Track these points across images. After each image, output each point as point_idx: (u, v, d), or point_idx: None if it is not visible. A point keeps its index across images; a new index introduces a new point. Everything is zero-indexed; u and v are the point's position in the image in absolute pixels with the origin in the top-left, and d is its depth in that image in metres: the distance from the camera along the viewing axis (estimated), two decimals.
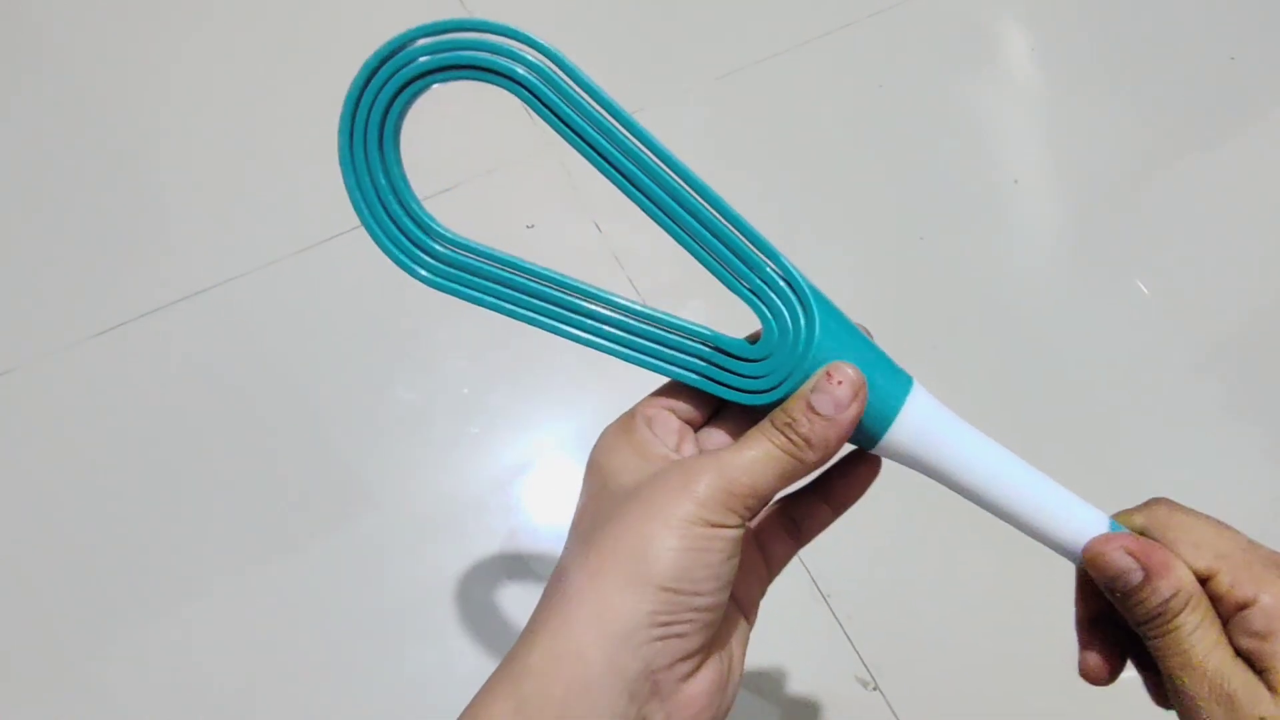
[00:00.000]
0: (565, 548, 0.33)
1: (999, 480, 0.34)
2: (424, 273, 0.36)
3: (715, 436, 0.35)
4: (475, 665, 0.60)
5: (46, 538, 0.63)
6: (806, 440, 0.31)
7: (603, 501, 0.32)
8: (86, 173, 0.74)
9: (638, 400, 0.36)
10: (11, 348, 0.68)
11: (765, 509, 0.38)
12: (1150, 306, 0.75)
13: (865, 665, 0.62)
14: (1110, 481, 0.69)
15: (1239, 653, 0.31)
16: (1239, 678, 0.30)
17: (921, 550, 0.65)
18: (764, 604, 0.61)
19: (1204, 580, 0.32)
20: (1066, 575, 0.41)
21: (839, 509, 0.38)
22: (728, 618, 0.34)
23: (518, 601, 0.62)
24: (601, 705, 0.29)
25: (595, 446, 0.34)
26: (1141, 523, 0.36)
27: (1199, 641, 0.31)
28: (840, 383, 0.31)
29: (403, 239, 0.35)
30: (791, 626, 0.62)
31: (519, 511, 0.65)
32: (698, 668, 0.31)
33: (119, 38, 0.80)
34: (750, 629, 0.36)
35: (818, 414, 0.31)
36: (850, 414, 0.31)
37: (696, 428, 0.36)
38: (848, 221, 0.77)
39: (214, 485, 0.65)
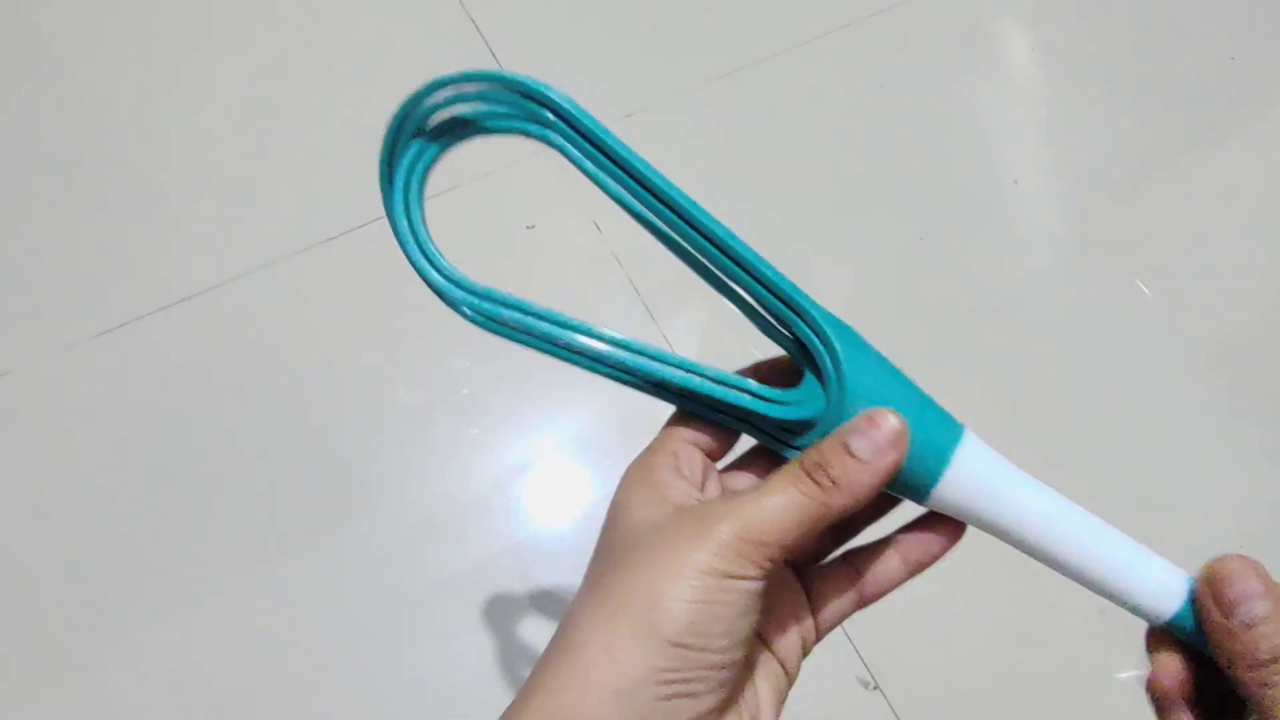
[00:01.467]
0: (578, 591, 0.31)
1: (1064, 538, 0.31)
2: (468, 312, 0.35)
3: (740, 477, 0.34)
4: (475, 666, 0.60)
5: (47, 538, 0.63)
6: (835, 483, 0.29)
7: (618, 545, 0.30)
8: (86, 174, 0.74)
9: (646, 414, 0.34)
10: (12, 349, 0.67)
11: (827, 558, 0.36)
12: (1151, 306, 0.75)
13: (866, 666, 0.62)
14: (1110, 481, 0.69)
15: None
16: None
17: None
18: None
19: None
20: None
21: (915, 569, 0.36)
22: (759, 674, 0.33)
23: (518, 603, 0.62)
24: None
25: (618, 485, 0.32)
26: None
27: None
28: (880, 427, 0.30)
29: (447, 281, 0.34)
30: None
31: (519, 512, 0.65)
32: None
33: (121, 38, 0.80)
34: (790, 686, 0.34)
35: (853, 456, 0.29)
36: (888, 460, 0.29)
37: (718, 457, 0.34)
38: (847, 222, 0.77)
39: (214, 485, 0.65)
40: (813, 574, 0.35)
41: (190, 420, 0.66)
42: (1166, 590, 0.31)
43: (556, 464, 0.67)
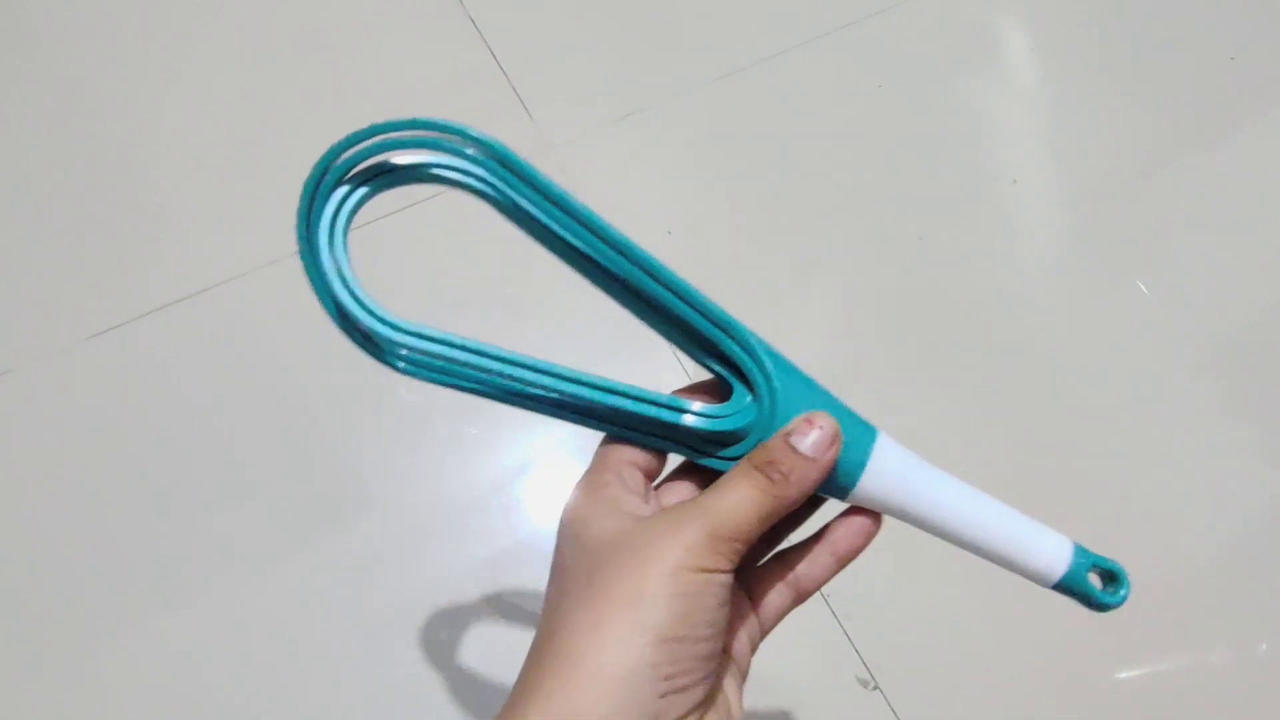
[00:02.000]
0: (547, 608, 0.32)
1: (967, 519, 0.35)
2: (401, 364, 0.37)
3: (676, 490, 0.36)
4: (474, 668, 0.60)
5: (43, 538, 0.63)
6: (786, 476, 0.32)
7: (584, 559, 0.32)
8: (84, 173, 0.74)
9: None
10: (8, 349, 0.68)
11: (761, 561, 0.38)
12: (1150, 306, 0.75)
13: (865, 664, 0.62)
14: (1110, 481, 0.69)
15: None
16: None
17: (921, 549, 0.65)
18: None
19: None
20: None
21: (842, 561, 0.38)
22: (725, 674, 0.34)
23: (518, 603, 0.62)
24: None
25: (566, 508, 0.34)
26: None
27: None
28: (820, 427, 0.32)
29: (375, 330, 0.36)
30: (791, 626, 0.62)
31: (518, 513, 0.65)
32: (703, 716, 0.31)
33: (117, 41, 0.80)
34: (743, 684, 0.36)
35: (797, 452, 0.32)
36: (829, 455, 0.32)
37: (654, 476, 0.36)
38: (847, 221, 0.77)
39: (212, 486, 0.65)
40: (751, 577, 0.38)
41: (188, 420, 0.66)
42: (1056, 557, 0.35)
43: (555, 464, 0.67)
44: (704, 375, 0.36)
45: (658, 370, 0.68)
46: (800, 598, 0.38)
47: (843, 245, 0.77)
